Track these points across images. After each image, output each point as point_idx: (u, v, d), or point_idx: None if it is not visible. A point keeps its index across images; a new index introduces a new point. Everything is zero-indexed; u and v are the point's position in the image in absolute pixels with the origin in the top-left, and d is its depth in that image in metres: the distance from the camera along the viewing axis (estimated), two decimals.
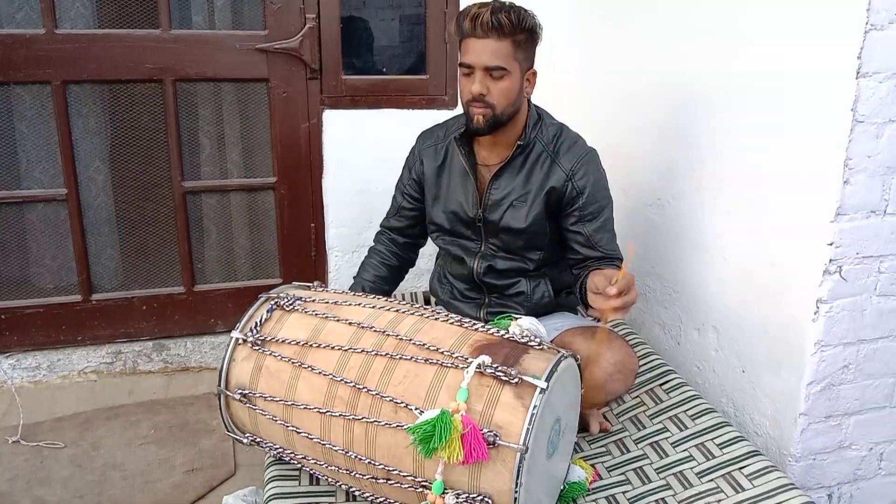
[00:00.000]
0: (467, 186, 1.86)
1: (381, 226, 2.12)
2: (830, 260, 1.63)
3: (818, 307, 1.67)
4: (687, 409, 1.82)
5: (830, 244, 1.62)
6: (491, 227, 1.86)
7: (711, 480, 1.58)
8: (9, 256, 2.55)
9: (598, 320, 1.47)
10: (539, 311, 1.91)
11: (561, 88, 2.45)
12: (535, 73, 1.77)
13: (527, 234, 1.84)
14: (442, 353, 1.38)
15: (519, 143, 1.79)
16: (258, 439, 1.61)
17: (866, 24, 1.49)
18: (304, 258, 2.79)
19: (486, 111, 1.71)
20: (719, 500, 1.52)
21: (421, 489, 1.35)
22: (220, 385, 1.58)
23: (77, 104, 2.48)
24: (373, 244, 2.12)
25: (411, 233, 2.07)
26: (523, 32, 1.67)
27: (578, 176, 1.79)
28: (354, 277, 2.06)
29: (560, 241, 1.88)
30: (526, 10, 1.69)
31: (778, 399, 1.81)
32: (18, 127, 2.46)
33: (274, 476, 1.62)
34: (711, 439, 1.70)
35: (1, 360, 2.57)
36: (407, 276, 2.19)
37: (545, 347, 1.41)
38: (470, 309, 1.96)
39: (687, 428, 1.76)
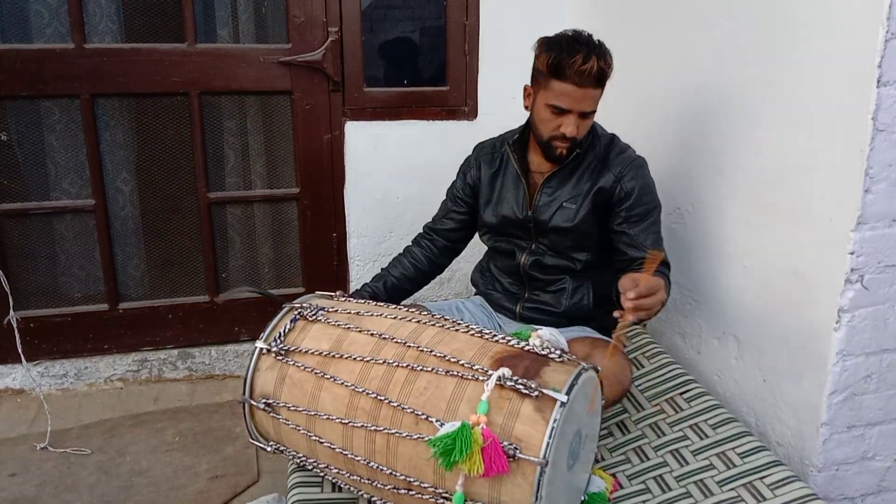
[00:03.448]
0: (519, 190, 1.95)
1: (424, 227, 2.15)
2: (852, 269, 1.62)
3: (840, 316, 1.66)
4: (707, 419, 1.81)
5: (852, 253, 1.61)
6: (541, 228, 1.92)
7: (732, 489, 1.58)
8: (38, 266, 2.60)
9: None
10: (573, 315, 1.95)
11: None
12: None
13: (575, 233, 1.89)
14: (462, 364, 1.39)
15: (577, 151, 1.85)
16: (282, 447, 1.63)
17: (886, 32, 1.48)
18: (326, 268, 2.81)
19: (570, 145, 1.81)
20: None
21: (442, 500, 1.35)
22: (244, 394, 1.60)
23: (105, 117, 2.53)
24: (410, 244, 2.13)
25: (453, 237, 2.11)
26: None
27: (627, 178, 1.86)
28: (381, 269, 2.09)
29: (608, 246, 1.93)
30: (607, 49, 1.76)
31: (799, 409, 1.80)
32: (48, 139, 2.52)
33: (297, 483, 1.64)
34: (732, 448, 1.69)
35: (30, 368, 2.62)
36: (429, 284, 2.19)
37: (566, 360, 1.41)
38: (507, 301, 2.02)
39: (707, 437, 1.76)
